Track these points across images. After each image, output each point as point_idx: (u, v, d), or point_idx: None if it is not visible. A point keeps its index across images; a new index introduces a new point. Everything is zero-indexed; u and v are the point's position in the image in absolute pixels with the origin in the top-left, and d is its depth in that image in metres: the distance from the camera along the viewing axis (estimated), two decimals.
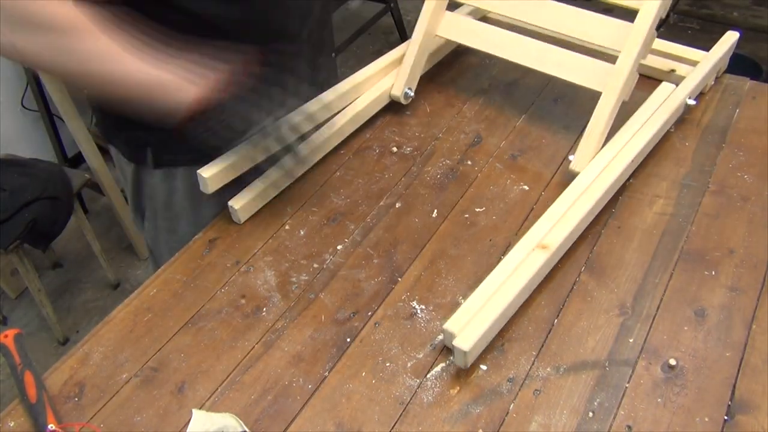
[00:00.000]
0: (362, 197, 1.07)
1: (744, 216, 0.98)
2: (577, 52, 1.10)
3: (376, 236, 1.00)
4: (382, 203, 1.06)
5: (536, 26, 1.14)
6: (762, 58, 2.48)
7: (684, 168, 1.06)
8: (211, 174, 0.99)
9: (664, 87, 1.13)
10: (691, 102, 1.14)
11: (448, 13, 1.20)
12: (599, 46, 1.08)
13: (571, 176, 1.02)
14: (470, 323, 0.81)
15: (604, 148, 1.03)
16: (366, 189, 1.08)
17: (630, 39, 1.04)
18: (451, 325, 0.82)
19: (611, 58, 1.06)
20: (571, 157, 1.03)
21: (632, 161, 1.02)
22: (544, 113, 1.18)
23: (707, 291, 0.89)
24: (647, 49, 1.06)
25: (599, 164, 1.01)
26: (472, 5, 1.23)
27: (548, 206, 1.02)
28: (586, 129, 1.04)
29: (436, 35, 1.20)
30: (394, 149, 1.15)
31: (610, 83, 1.06)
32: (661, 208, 1.00)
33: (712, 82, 1.21)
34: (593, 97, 1.06)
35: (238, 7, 0.93)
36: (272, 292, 0.93)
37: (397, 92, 1.18)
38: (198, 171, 0.99)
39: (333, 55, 1.21)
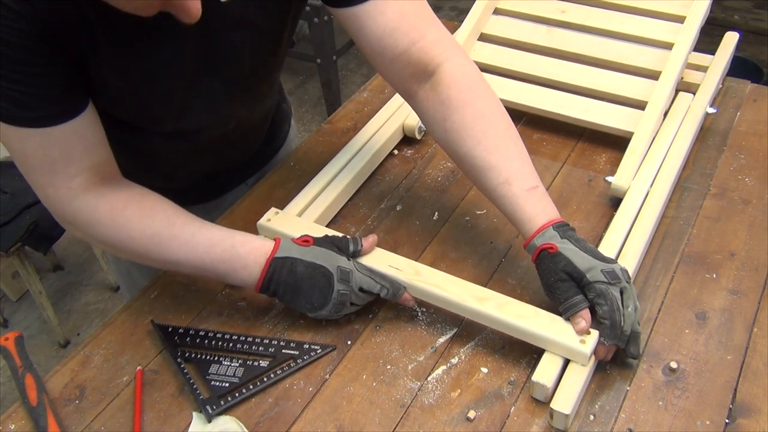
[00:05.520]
0: (363, 199, 1.07)
1: (745, 219, 0.98)
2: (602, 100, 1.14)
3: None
4: (382, 206, 1.06)
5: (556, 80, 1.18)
6: (763, 61, 2.48)
7: (685, 171, 1.06)
8: None
9: (683, 97, 1.13)
10: (711, 110, 1.14)
11: None
12: (640, 67, 1.14)
13: (612, 194, 1.01)
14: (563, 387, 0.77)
15: (643, 164, 1.02)
16: (366, 191, 1.08)
17: (671, 60, 1.10)
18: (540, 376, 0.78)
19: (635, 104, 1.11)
20: (610, 179, 1.02)
21: (673, 181, 1.02)
22: (544, 117, 1.18)
23: (708, 294, 0.89)
24: (684, 66, 1.12)
25: (642, 184, 0.99)
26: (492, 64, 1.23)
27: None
28: (629, 146, 1.04)
29: None
30: (395, 152, 1.15)
31: (653, 99, 1.08)
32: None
33: (720, 86, 1.21)
34: None
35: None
36: None
37: (412, 130, 1.16)
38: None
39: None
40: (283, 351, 0.85)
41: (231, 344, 0.86)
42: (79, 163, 0.81)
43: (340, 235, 0.91)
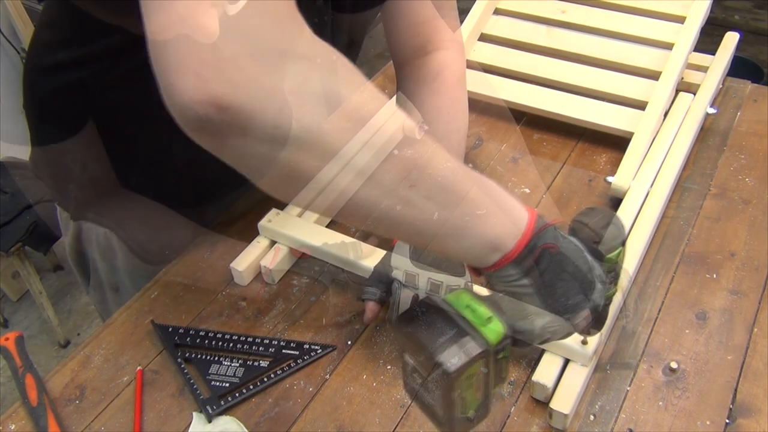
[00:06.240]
0: None
1: (745, 219, 0.98)
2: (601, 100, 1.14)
3: (377, 238, 0.99)
4: None
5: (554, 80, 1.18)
6: (763, 61, 2.48)
7: (685, 171, 1.06)
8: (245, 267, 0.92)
9: (683, 97, 1.13)
10: (711, 110, 1.14)
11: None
12: (640, 67, 1.14)
13: (612, 194, 1.01)
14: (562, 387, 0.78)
15: (643, 165, 1.02)
16: None
17: (671, 60, 1.10)
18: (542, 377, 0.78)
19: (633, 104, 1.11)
20: (610, 179, 1.02)
21: (673, 182, 1.02)
22: (544, 117, 1.18)
23: (708, 294, 0.89)
24: (684, 66, 1.12)
25: (642, 184, 0.99)
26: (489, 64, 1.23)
27: (550, 209, 1.02)
28: (629, 146, 1.04)
29: None
30: (395, 152, 1.15)
31: (653, 99, 1.08)
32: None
33: (721, 86, 1.21)
34: None
35: None
36: (273, 295, 0.93)
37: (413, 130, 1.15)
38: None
39: None
40: (283, 351, 0.85)
41: (231, 344, 0.86)
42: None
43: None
